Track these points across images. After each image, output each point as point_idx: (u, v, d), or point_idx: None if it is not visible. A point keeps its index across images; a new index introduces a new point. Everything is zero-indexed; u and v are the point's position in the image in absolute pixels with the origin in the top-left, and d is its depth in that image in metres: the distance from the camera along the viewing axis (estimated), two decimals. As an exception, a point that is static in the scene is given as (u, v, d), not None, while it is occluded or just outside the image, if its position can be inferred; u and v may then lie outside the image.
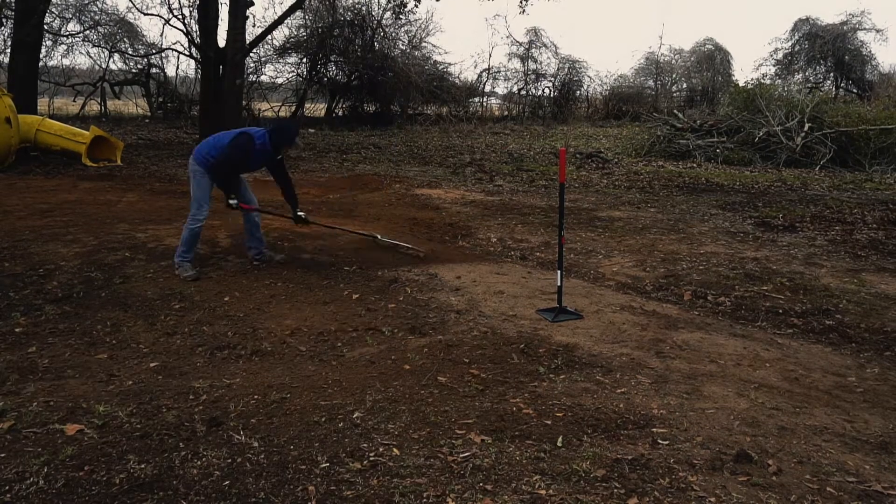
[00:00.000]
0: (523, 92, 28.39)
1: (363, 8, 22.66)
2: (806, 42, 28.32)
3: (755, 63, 46.82)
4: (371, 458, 2.68)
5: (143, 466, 2.61)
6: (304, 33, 22.84)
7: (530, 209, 8.77)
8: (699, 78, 30.02)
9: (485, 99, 29.14)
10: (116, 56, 23.50)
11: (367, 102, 24.32)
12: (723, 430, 2.99)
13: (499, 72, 28.34)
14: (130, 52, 23.37)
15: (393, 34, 23.55)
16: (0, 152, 10.75)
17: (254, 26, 18.67)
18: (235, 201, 5.37)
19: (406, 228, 7.40)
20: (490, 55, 63.16)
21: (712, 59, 29.80)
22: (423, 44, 24.63)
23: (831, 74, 28.63)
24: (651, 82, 30.90)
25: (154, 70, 23.47)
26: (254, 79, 22.29)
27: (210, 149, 5.36)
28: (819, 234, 7.36)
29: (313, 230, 6.46)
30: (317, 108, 25.35)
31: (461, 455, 2.72)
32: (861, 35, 27.78)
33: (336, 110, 24.60)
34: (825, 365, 3.86)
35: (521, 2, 15.35)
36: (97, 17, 22.65)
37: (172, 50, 23.03)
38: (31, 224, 6.82)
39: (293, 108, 24.20)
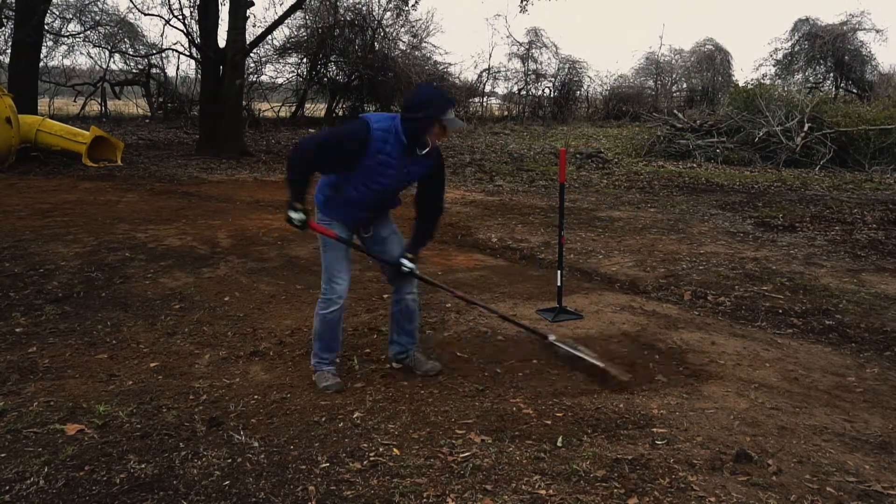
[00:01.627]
0: (523, 92, 28.39)
1: (363, 8, 22.69)
2: (806, 42, 28.28)
3: (755, 63, 46.82)
4: (371, 458, 2.69)
5: (143, 466, 2.61)
6: (304, 33, 22.85)
7: (530, 209, 8.77)
8: (699, 78, 30.01)
9: (485, 99, 29.15)
10: (117, 56, 23.55)
11: (367, 102, 24.31)
12: (723, 430, 2.99)
13: (499, 72, 28.34)
14: (131, 53, 23.39)
15: (393, 34, 23.56)
16: (0, 152, 10.76)
17: (254, 26, 18.64)
18: (301, 216, 3.21)
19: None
20: (490, 55, 63.17)
21: (712, 60, 29.79)
22: (424, 44, 24.66)
23: (831, 74, 28.60)
24: (651, 82, 30.89)
25: (154, 70, 23.48)
26: (254, 79, 22.27)
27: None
28: (819, 234, 7.37)
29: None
30: (317, 109, 25.35)
31: (461, 455, 2.72)
32: (861, 35, 27.77)
33: (336, 110, 24.59)
34: (825, 365, 3.86)
35: (521, 1, 15.30)
36: (98, 18, 22.69)
37: (173, 50, 22.93)
38: (32, 224, 6.83)
39: (293, 109, 24.20)
